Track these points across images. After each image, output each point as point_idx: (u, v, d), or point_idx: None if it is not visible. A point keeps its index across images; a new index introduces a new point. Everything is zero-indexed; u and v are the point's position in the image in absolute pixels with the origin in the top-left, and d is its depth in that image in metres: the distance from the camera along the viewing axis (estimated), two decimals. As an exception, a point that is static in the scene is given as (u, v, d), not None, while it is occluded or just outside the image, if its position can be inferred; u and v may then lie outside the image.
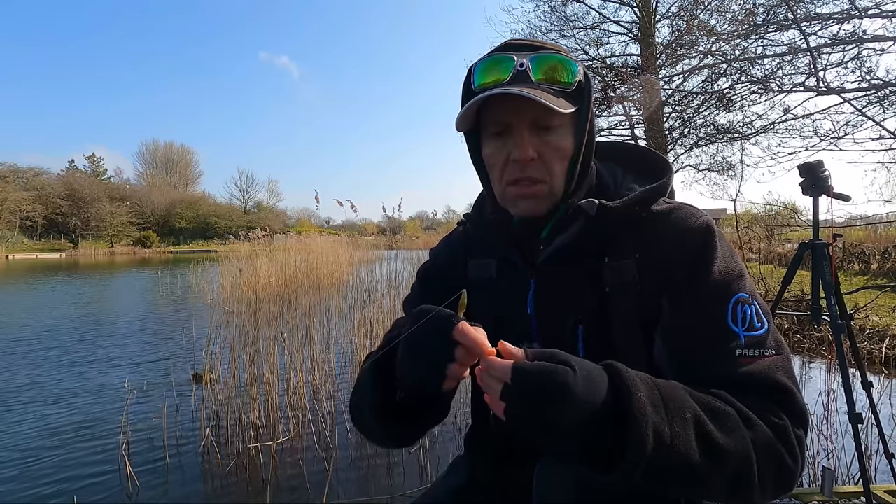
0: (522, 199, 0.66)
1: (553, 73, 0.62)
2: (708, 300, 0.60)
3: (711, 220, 0.65)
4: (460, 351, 0.53)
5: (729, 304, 0.59)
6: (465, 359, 0.53)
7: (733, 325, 0.58)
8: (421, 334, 0.54)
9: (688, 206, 0.67)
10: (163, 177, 56.50)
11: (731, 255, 0.63)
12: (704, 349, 0.59)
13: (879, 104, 5.55)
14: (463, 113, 0.63)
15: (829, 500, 1.79)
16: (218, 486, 2.40)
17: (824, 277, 1.80)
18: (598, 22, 9.15)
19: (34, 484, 2.40)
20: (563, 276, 0.66)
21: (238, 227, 34.40)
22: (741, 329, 0.58)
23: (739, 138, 7.99)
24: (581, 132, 0.65)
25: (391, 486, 2.36)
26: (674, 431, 0.48)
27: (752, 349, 0.58)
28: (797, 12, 5.60)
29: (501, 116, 0.63)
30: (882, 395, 3.22)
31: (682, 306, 0.61)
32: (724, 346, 0.58)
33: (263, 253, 7.56)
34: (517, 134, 0.63)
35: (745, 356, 0.57)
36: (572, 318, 0.64)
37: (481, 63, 0.64)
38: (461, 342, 0.52)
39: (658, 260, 0.62)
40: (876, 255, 8.24)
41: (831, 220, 1.91)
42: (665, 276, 0.62)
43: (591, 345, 0.63)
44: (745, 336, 0.58)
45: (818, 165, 1.84)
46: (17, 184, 38.56)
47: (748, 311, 0.59)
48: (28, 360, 4.84)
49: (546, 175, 0.64)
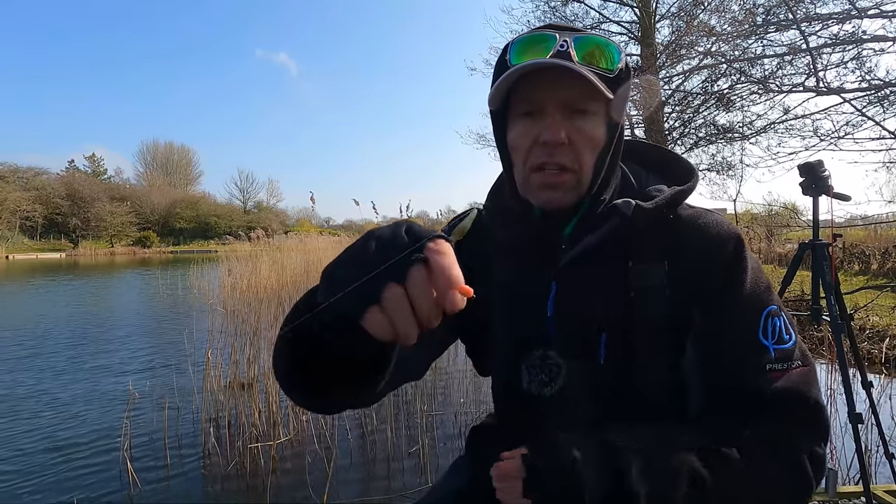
0: (547, 189, 0.60)
1: (596, 57, 0.58)
2: (741, 313, 0.60)
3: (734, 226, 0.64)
4: (420, 274, 0.36)
5: (761, 317, 0.59)
6: (421, 293, 0.35)
7: (763, 339, 0.59)
8: (383, 232, 0.40)
9: (715, 214, 0.65)
10: (163, 177, 56.50)
11: (758, 267, 0.63)
12: (736, 362, 0.59)
13: (879, 104, 5.56)
14: (496, 87, 0.59)
15: (830, 501, 1.79)
16: (219, 487, 2.40)
17: (824, 277, 1.80)
18: (597, 22, 9.17)
19: (37, 485, 2.40)
20: (587, 278, 0.63)
21: (238, 227, 34.44)
22: (771, 342, 0.59)
23: (739, 138, 8.00)
24: (615, 124, 0.61)
25: (391, 487, 2.37)
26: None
27: (781, 363, 0.58)
28: (797, 13, 5.60)
29: (534, 95, 0.59)
30: (882, 395, 3.22)
31: (714, 317, 0.60)
32: (755, 360, 0.58)
33: (263, 253, 7.56)
34: (549, 114, 0.58)
35: (775, 370, 0.58)
36: (595, 323, 0.62)
37: (520, 39, 0.60)
38: (430, 259, 0.36)
39: (689, 267, 0.61)
40: (876, 255, 8.24)
41: (831, 220, 1.91)
42: (697, 285, 0.61)
43: (612, 352, 0.61)
44: (775, 349, 0.58)
45: (818, 165, 1.84)
46: (17, 184, 38.55)
47: (777, 323, 0.60)
48: (28, 363, 4.84)
49: (575, 163, 0.59)
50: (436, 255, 0.36)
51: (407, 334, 0.36)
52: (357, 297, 0.36)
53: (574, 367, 0.62)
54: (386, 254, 0.37)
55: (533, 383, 0.64)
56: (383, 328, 0.36)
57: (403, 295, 0.36)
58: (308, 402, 0.52)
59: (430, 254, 0.36)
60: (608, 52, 0.59)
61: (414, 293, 0.36)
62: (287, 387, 0.51)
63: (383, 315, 0.36)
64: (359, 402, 0.56)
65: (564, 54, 0.57)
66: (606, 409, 0.61)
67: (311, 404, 0.53)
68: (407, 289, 0.36)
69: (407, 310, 0.36)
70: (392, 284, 0.36)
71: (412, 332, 0.36)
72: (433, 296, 0.36)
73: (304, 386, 0.49)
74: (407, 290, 0.36)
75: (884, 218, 10.35)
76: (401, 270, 0.36)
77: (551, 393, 0.63)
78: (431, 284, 0.36)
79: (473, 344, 0.78)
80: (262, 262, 6.93)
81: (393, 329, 0.36)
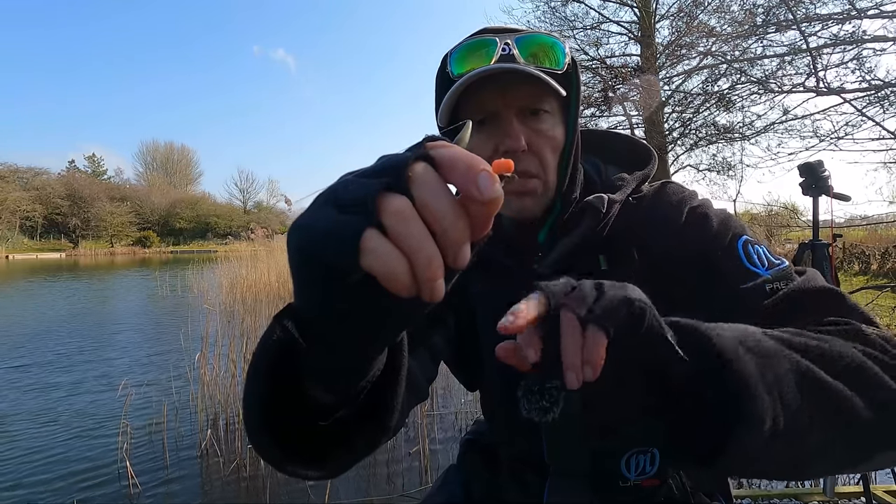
0: (516, 198, 0.58)
1: (541, 57, 0.56)
2: (719, 258, 0.57)
3: (693, 191, 0.63)
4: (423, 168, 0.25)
5: (738, 249, 0.56)
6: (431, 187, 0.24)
7: (751, 266, 0.54)
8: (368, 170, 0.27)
9: (672, 183, 0.64)
10: (163, 177, 56.54)
11: (725, 214, 0.61)
12: (733, 304, 0.53)
13: (879, 104, 5.56)
14: (445, 103, 0.56)
15: (830, 500, 1.79)
16: (218, 487, 2.40)
17: (824, 277, 1.80)
18: (597, 22, 9.15)
19: (36, 485, 2.40)
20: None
21: (238, 227, 34.42)
22: (762, 268, 0.54)
23: (739, 139, 8.00)
24: (573, 121, 0.60)
25: (391, 487, 2.36)
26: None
27: (780, 281, 0.53)
28: (797, 13, 5.60)
29: (486, 103, 0.57)
30: (882, 395, 3.22)
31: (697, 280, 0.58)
32: (753, 290, 0.53)
33: (263, 253, 7.55)
34: (505, 121, 0.56)
35: (778, 288, 0.52)
36: None
37: (459, 49, 0.57)
38: (435, 154, 0.25)
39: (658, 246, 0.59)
40: (876, 255, 8.24)
41: (831, 221, 1.91)
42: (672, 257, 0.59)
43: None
44: (771, 272, 0.54)
45: (818, 165, 1.84)
46: (17, 184, 38.56)
47: (759, 250, 0.56)
48: (27, 363, 4.84)
49: (539, 169, 0.58)
50: (441, 148, 0.25)
51: (432, 269, 0.23)
52: (343, 226, 0.24)
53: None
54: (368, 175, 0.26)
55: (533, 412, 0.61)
56: (393, 264, 0.23)
57: (409, 205, 0.24)
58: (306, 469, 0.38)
59: (433, 150, 0.25)
60: (553, 50, 0.57)
61: (424, 196, 0.24)
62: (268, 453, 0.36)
63: (388, 244, 0.23)
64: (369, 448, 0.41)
65: (509, 57, 0.55)
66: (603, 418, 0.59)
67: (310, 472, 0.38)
68: (413, 192, 0.24)
69: (420, 225, 0.24)
70: (387, 193, 0.24)
71: (437, 266, 0.23)
72: (452, 196, 0.24)
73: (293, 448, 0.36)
74: (414, 194, 0.24)
75: (884, 218, 10.34)
76: (398, 174, 0.24)
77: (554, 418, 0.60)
78: (452, 175, 0.24)
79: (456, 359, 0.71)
80: (261, 262, 6.92)
81: (409, 265, 0.23)
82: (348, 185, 0.26)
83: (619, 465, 0.60)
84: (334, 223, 0.24)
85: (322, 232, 0.25)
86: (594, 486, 0.60)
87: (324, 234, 0.25)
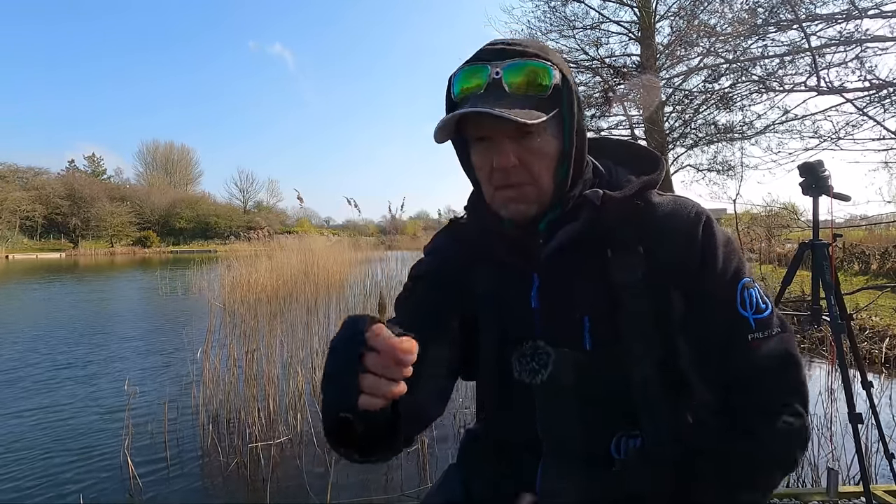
0: (512, 202, 0.65)
1: (526, 82, 0.61)
2: (718, 289, 0.64)
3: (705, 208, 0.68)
4: (372, 357, 0.47)
5: (737, 290, 0.63)
6: (380, 367, 0.47)
7: (742, 310, 0.63)
8: (336, 342, 0.51)
9: (684, 198, 0.69)
10: (163, 177, 56.50)
11: (729, 243, 0.66)
12: (720, 338, 0.63)
13: (880, 104, 5.55)
14: (441, 126, 0.63)
15: (830, 501, 1.79)
16: (219, 485, 2.40)
17: (824, 277, 1.80)
18: (597, 22, 9.13)
19: (38, 484, 2.41)
20: (568, 268, 0.66)
21: (238, 227, 34.40)
22: (750, 313, 0.63)
23: (740, 138, 7.99)
24: (568, 131, 0.64)
25: (391, 487, 2.37)
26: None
27: (761, 331, 0.62)
28: (798, 12, 5.60)
29: (482, 127, 0.63)
30: (882, 395, 3.22)
31: (693, 298, 0.64)
32: (737, 333, 0.62)
33: (263, 254, 7.55)
34: (497, 143, 0.63)
35: (757, 339, 0.62)
36: (577, 309, 0.65)
37: (460, 72, 0.65)
38: (374, 346, 0.47)
39: (664, 253, 0.64)
40: (876, 255, 8.24)
41: (831, 220, 1.91)
42: (673, 269, 0.64)
43: (597, 336, 0.64)
44: (755, 319, 0.62)
45: (818, 165, 1.84)
46: (17, 184, 38.54)
47: (753, 294, 0.64)
48: (28, 362, 4.84)
49: (530, 178, 0.64)
50: (374, 339, 0.47)
51: (394, 392, 0.47)
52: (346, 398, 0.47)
53: (562, 354, 0.64)
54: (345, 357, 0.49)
55: (523, 372, 0.66)
56: (375, 401, 0.47)
57: (373, 376, 0.47)
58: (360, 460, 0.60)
59: (371, 341, 0.47)
60: (538, 73, 0.62)
61: (378, 370, 0.47)
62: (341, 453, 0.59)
63: (370, 395, 0.47)
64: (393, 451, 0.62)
65: (497, 83, 0.61)
66: (594, 393, 0.64)
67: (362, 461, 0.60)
68: (371, 371, 0.47)
69: (381, 381, 0.47)
70: (362, 375, 0.47)
71: (398, 388, 0.47)
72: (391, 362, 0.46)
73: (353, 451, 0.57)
74: (371, 371, 0.47)
75: (884, 218, 10.34)
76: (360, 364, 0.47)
77: (542, 380, 0.65)
78: (383, 358, 0.46)
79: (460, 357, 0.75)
80: (261, 262, 6.93)
81: (383, 396, 0.47)
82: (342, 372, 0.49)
83: (608, 446, 0.65)
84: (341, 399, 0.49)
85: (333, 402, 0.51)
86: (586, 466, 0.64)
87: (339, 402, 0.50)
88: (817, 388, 3.44)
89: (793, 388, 0.62)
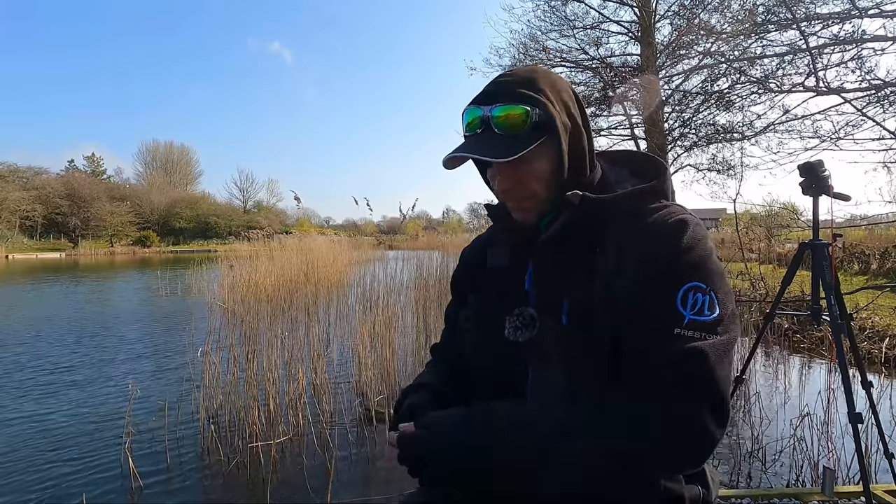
0: (514, 211, 0.78)
1: (507, 123, 0.72)
2: (663, 281, 0.64)
3: (691, 216, 0.69)
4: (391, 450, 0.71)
5: (683, 287, 0.63)
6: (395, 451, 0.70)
7: (680, 306, 0.62)
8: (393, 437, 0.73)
9: (673, 206, 0.72)
10: (163, 176, 56.43)
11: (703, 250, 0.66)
12: (649, 324, 0.63)
13: (879, 104, 5.56)
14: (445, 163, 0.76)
15: (829, 500, 1.79)
16: (219, 485, 2.40)
17: (824, 277, 1.80)
18: (597, 22, 9.13)
19: (38, 484, 2.41)
20: (557, 258, 0.76)
21: (238, 226, 34.37)
22: (688, 312, 0.62)
23: (739, 138, 7.99)
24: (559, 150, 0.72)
25: (391, 487, 2.37)
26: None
27: (692, 331, 0.61)
28: (797, 12, 5.60)
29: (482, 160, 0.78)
30: (882, 395, 3.23)
31: (639, 286, 0.65)
32: (666, 323, 0.62)
33: (263, 254, 7.57)
34: (497, 169, 0.76)
35: (683, 335, 0.60)
36: (559, 293, 0.73)
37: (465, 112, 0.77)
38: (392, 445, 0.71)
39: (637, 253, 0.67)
40: (876, 255, 8.25)
41: (831, 220, 1.91)
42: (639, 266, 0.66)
43: (574, 318, 0.71)
44: (691, 318, 0.61)
45: (818, 165, 1.84)
46: (17, 183, 38.49)
47: (702, 298, 0.63)
48: (28, 362, 4.84)
49: (528, 194, 0.75)
50: (390, 446, 0.71)
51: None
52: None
53: (545, 322, 0.74)
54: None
55: (511, 329, 0.76)
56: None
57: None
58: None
59: (390, 445, 0.71)
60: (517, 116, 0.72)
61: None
62: None
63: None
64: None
65: (487, 123, 0.73)
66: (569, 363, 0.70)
67: None
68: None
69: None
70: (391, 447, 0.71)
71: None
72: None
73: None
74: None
75: (884, 218, 10.33)
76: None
77: (528, 338, 0.74)
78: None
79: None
80: (261, 262, 6.93)
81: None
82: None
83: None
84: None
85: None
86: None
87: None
88: (817, 387, 3.44)
89: (696, 389, 0.58)
